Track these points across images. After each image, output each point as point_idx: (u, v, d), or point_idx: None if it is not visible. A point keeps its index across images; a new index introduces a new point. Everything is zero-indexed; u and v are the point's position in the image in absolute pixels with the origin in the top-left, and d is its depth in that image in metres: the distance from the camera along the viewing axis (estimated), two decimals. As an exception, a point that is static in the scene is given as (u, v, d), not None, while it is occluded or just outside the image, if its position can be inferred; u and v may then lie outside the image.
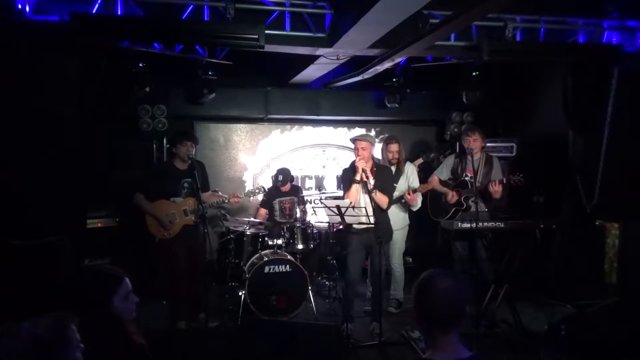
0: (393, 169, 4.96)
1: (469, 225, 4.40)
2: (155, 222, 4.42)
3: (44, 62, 4.07)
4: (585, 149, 5.31)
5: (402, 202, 4.94)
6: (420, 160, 5.80)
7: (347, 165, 4.64)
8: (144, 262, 5.26)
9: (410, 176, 4.99)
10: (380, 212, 4.27)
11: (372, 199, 4.17)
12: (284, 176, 5.57)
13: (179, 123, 5.82)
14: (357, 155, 4.29)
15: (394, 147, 4.90)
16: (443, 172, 5.02)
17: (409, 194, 4.79)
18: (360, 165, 4.20)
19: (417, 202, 4.90)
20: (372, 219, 4.12)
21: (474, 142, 4.68)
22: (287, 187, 5.67)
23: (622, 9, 4.89)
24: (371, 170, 4.27)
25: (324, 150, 6.84)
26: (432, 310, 1.71)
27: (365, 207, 4.11)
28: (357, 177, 4.24)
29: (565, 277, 5.33)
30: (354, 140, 4.42)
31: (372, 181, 4.22)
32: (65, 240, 4.18)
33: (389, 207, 4.48)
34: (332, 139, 6.85)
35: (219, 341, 4.23)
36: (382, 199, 4.31)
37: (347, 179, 4.42)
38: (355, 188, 4.27)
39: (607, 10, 4.92)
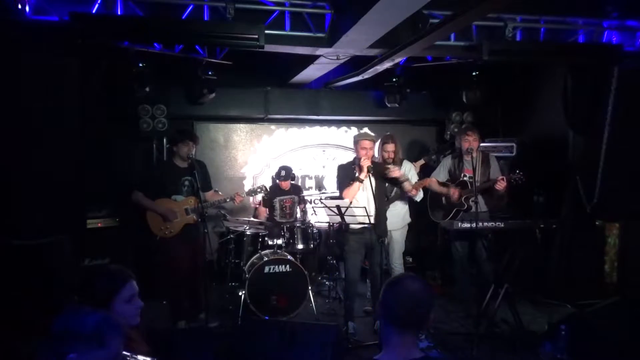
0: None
1: (469, 225, 4.40)
2: (156, 219, 4.42)
3: (44, 62, 4.06)
4: (585, 149, 5.31)
5: (405, 197, 4.94)
6: (421, 161, 5.81)
7: (344, 162, 4.65)
8: (144, 262, 5.25)
9: (408, 174, 4.98)
10: (378, 211, 4.28)
11: (373, 191, 4.17)
12: (286, 172, 5.59)
13: (179, 123, 5.82)
14: (361, 154, 4.28)
15: (390, 146, 4.89)
16: (440, 173, 5.01)
17: (410, 189, 4.79)
18: (366, 164, 4.20)
19: (420, 193, 4.91)
20: (371, 219, 4.12)
21: (473, 142, 4.67)
22: (287, 186, 5.67)
23: (622, 9, 4.89)
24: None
25: (324, 150, 6.84)
26: (391, 308, 1.73)
27: (365, 207, 4.11)
28: (362, 176, 4.24)
29: (565, 277, 5.33)
30: (358, 139, 4.41)
31: (373, 181, 4.23)
32: (65, 240, 4.17)
33: (388, 202, 4.48)
34: (332, 139, 6.85)
35: (219, 341, 4.23)
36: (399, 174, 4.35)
37: (345, 176, 4.41)
38: (357, 186, 4.27)
39: (607, 10, 4.92)
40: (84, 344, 1.48)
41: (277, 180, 5.67)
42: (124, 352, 1.67)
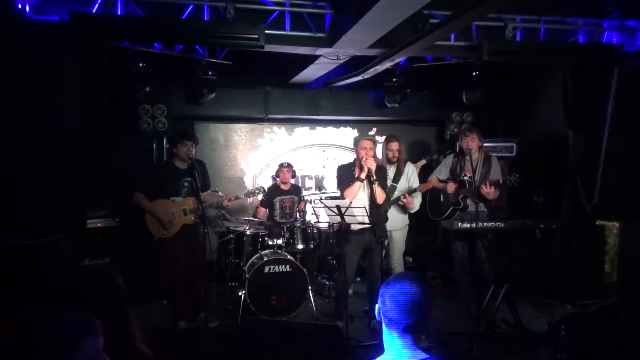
0: (393, 168, 4.97)
1: (468, 225, 4.40)
2: (154, 222, 4.41)
3: (44, 62, 4.07)
4: (585, 149, 5.31)
5: (400, 205, 4.94)
6: (423, 162, 5.81)
7: (344, 163, 4.65)
8: (144, 262, 5.26)
9: (410, 176, 4.99)
10: (377, 212, 4.28)
11: (373, 192, 4.17)
12: (286, 163, 5.67)
13: (179, 123, 5.82)
14: (362, 155, 4.28)
15: (395, 145, 4.91)
16: (442, 172, 5.02)
17: (404, 197, 4.81)
18: (367, 164, 4.19)
19: (415, 204, 4.91)
20: (371, 219, 4.12)
21: (471, 142, 4.66)
22: (287, 186, 5.68)
23: (622, 9, 4.89)
24: (375, 171, 4.29)
25: (324, 150, 6.84)
26: (390, 315, 1.72)
27: (365, 207, 4.11)
28: (363, 176, 4.24)
29: (565, 277, 5.33)
30: (358, 139, 4.41)
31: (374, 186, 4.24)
32: (65, 240, 4.18)
33: (385, 204, 4.49)
34: (332, 139, 6.85)
35: (219, 341, 4.23)
36: (382, 193, 4.34)
37: (346, 176, 4.41)
38: (358, 185, 4.27)
39: (607, 10, 4.92)
40: (57, 350, 1.46)
41: (278, 178, 5.69)
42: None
